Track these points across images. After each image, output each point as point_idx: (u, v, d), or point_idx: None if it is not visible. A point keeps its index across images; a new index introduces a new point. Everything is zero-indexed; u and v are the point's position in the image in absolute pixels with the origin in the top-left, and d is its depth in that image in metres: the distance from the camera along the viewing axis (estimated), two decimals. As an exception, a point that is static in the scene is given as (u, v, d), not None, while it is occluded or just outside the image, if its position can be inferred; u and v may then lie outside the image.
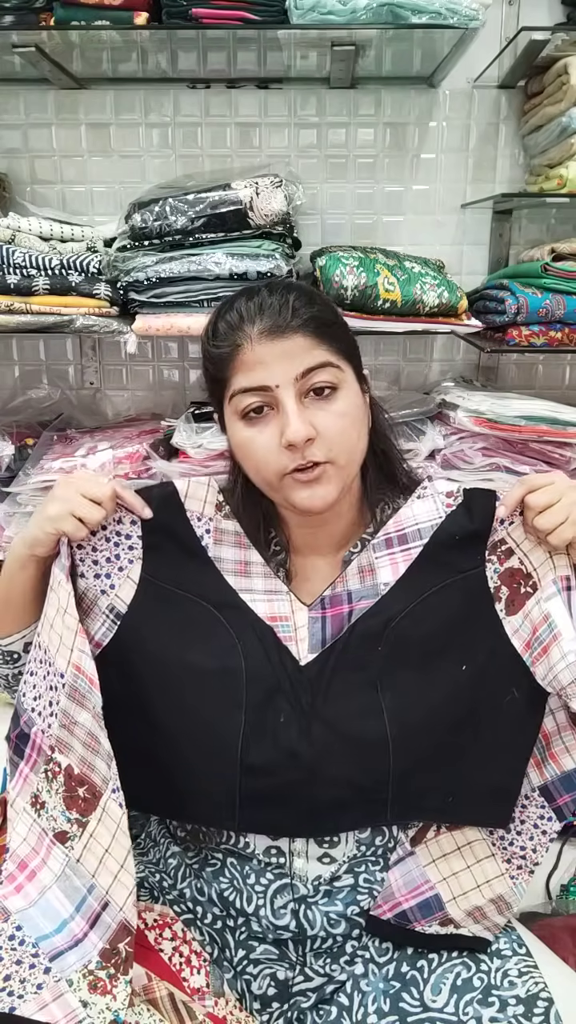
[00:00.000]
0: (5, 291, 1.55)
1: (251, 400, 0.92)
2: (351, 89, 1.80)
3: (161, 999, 0.93)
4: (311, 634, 0.95)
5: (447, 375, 1.97)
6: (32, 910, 0.91)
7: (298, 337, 0.91)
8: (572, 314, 1.58)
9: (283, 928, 0.94)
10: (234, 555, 0.97)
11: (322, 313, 0.94)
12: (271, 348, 0.91)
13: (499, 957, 0.94)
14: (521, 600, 0.93)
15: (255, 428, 0.93)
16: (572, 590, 0.92)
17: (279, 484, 0.94)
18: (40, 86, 1.79)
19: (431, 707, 0.91)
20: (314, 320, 0.92)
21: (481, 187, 1.86)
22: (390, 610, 0.94)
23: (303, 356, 0.91)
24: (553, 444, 1.62)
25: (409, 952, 0.96)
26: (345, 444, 0.94)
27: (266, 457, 0.93)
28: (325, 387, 0.93)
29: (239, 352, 0.92)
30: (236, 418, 0.95)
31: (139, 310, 1.58)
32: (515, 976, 0.90)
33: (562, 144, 1.60)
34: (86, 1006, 0.86)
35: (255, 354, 0.91)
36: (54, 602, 0.95)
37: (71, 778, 0.92)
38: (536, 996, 0.87)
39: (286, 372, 0.91)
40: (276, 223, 1.55)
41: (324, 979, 0.95)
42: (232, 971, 0.96)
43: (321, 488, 0.92)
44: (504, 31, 1.74)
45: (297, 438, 0.89)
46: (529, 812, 0.96)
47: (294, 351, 0.91)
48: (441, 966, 0.93)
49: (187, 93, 1.81)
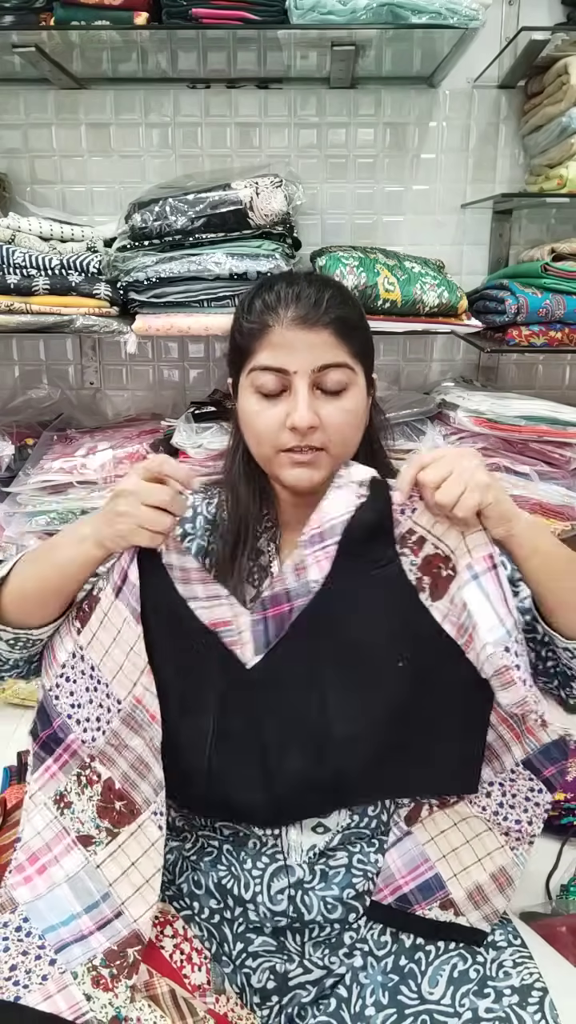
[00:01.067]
0: (5, 291, 1.55)
1: (268, 379, 0.98)
2: (351, 89, 1.80)
3: (162, 995, 0.93)
4: (254, 636, 0.96)
5: (447, 375, 1.97)
6: (39, 903, 0.92)
7: (324, 333, 0.97)
8: (572, 314, 1.58)
9: (280, 914, 0.95)
10: (179, 561, 0.96)
11: (350, 315, 1.01)
12: (298, 336, 0.97)
13: (495, 948, 0.95)
14: (444, 584, 0.91)
15: (266, 403, 0.99)
16: (492, 570, 0.88)
17: (274, 458, 1.00)
18: (40, 86, 1.79)
19: (374, 701, 0.93)
20: (342, 320, 0.98)
21: (481, 187, 1.86)
22: (324, 608, 0.94)
23: (324, 352, 0.97)
24: (553, 444, 1.62)
25: (407, 945, 0.96)
26: (342, 437, 1.00)
27: (269, 431, 0.99)
28: (338, 388, 0.99)
29: (268, 332, 0.98)
30: (250, 390, 1.01)
31: (139, 310, 1.58)
32: (510, 967, 0.91)
33: (562, 144, 1.61)
34: (89, 999, 0.86)
35: (283, 337, 0.97)
36: (110, 629, 0.92)
37: (110, 790, 0.93)
38: (531, 986, 0.88)
39: (306, 361, 0.97)
40: (276, 223, 1.56)
41: (323, 971, 0.96)
42: (231, 965, 0.96)
43: (310, 471, 0.99)
44: (504, 31, 1.74)
45: (302, 424, 0.96)
46: (519, 786, 0.94)
47: (318, 344, 0.97)
48: (439, 958, 0.94)
49: (187, 93, 1.81)
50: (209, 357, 1.98)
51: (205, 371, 1.99)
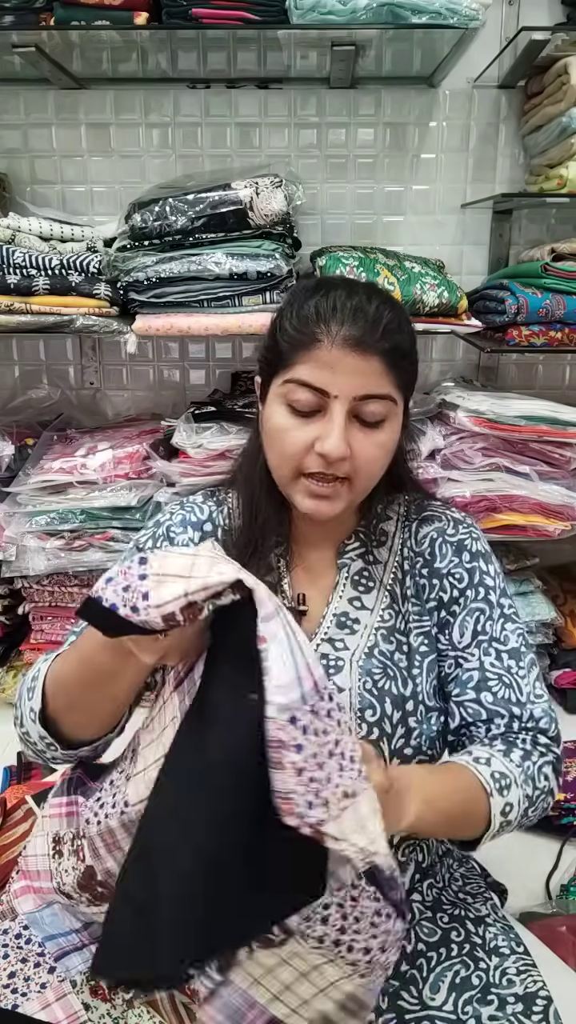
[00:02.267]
0: (5, 291, 1.55)
1: (305, 396, 0.92)
2: (351, 89, 1.80)
3: (161, 1000, 0.93)
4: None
5: (447, 375, 1.97)
6: (38, 914, 0.92)
7: (375, 361, 0.90)
8: (572, 314, 1.58)
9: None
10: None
11: (403, 343, 0.94)
12: (346, 358, 0.90)
13: (498, 955, 0.94)
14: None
15: (296, 421, 0.93)
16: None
17: (293, 482, 0.95)
18: (40, 86, 1.79)
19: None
20: (396, 349, 0.92)
21: (481, 187, 1.86)
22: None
23: (371, 381, 0.91)
24: (553, 444, 1.62)
25: (408, 950, 0.96)
26: (369, 471, 0.95)
27: (294, 452, 0.93)
28: (376, 420, 0.93)
29: (316, 346, 0.91)
30: (282, 401, 0.94)
31: (139, 310, 1.58)
32: (513, 974, 0.90)
33: (562, 144, 1.61)
34: (88, 1009, 0.85)
35: (331, 355, 0.90)
36: (159, 721, 0.78)
37: (92, 876, 0.84)
38: (535, 994, 0.87)
39: (350, 388, 0.90)
40: (276, 223, 1.55)
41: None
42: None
43: (328, 504, 0.94)
44: (504, 31, 1.74)
45: (334, 454, 0.90)
46: (363, 907, 0.70)
47: (366, 372, 0.90)
48: (440, 964, 0.93)
49: (187, 93, 1.81)
50: (209, 357, 1.98)
51: (205, 371, 1.99)
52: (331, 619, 1.01)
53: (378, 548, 1.04)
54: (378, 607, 1.01)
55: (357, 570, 1.03)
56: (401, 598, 1.02)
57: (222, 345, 1.96)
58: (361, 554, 1.04)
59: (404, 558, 1.04)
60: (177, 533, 1.05)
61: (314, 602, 1.03)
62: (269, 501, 1.01)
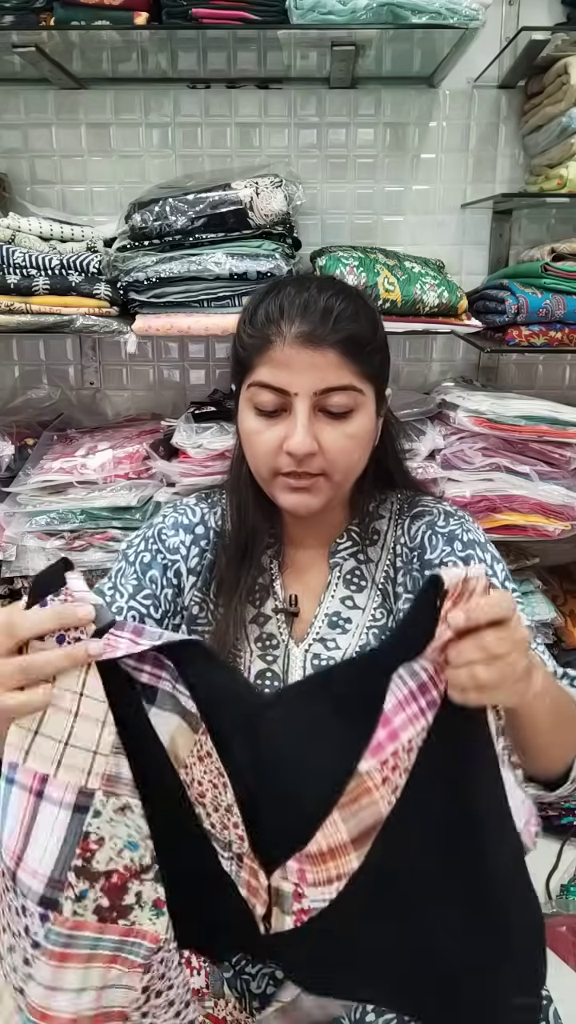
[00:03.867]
0: (5, 291, 1.55)
1: (267, 398, 0.93)
2: (351, 89, 1.80)
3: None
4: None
5: (447, 375, 1.97)
6: None
7: (330, 353, 0.90)
8: (572, 314, 1.58)
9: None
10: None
11: (361, 331, 0.93)
12: (301, 355, 0.90)
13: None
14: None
15: (264, 422, 0.94)
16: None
17: (271, 481, 0.96)
18: (40, 86, 1.79)
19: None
20: (351, 339, 0.91)
21: (481, 187, 1.86)
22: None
23: (329, 373, 0.91)
24: (553, 444, 1.62)
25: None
26: (345, 463, 0.95)
27: (266, 453, 0.94)
28: (342, 411, 0.93)
29: (270, 348, 0.92)
30: (249, 405, 0.96)
31: (139, 310, 1.58)
32: None
33: (562, 144, 1.61)
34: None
35: (284, 354, 0.91)
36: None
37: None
38: None
39: (308, 383, 0.90)
40: (276, 223, 1.55)
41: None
42: (231, 970, 0.96)
43: (308, 497, 0.94)
44: (504, 31, 1.74)
45: (299, 451, 0.90)
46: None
47: (322, 365, 0.90)
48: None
49: (187, 93, 1.81)
50: (209, 357, 1.98)
51: (205, 371, 1.99)
52: (323, 619, 1.01)
53: (371, 547, 1.05)
54: (370, 606, 1.01)
55: (349, 569, 1.03)
56: (393, 596, 1.02)
57: (222, 345, 1.96)
58: (353, 553, 1.04)
59: (397, 555, 1.04)
60: (169, 536, 1.05)
61: (306, 602, 1.03)
62: (257, 503, 1.02)
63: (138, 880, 0.67)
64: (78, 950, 0.64)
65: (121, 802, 0.67)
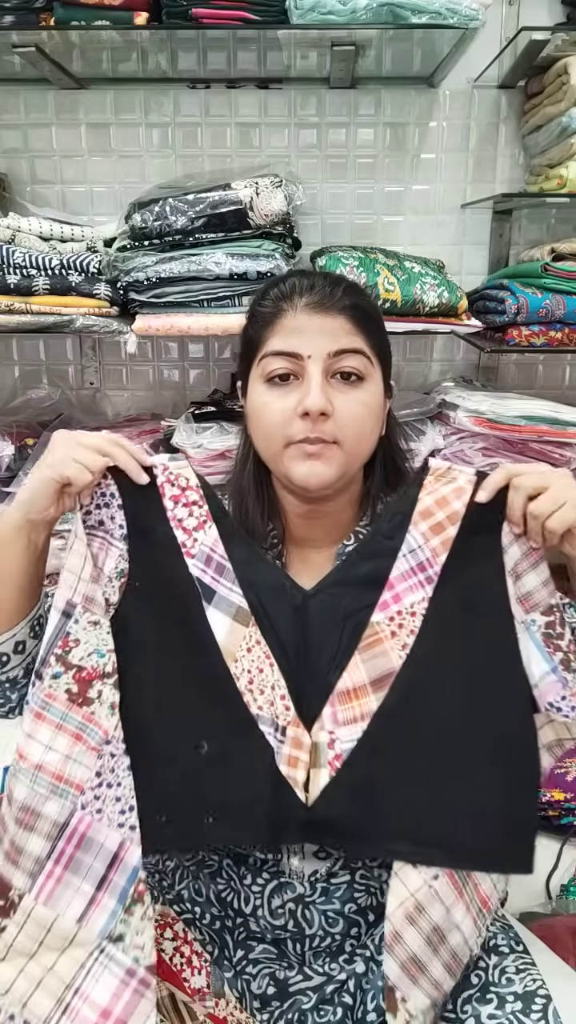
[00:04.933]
0: (5, 291, 1.55)
1: (280, 364, 0.94)
2: (351, 89, 1.80)
3: (162, 999, 0.93)
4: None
5: (447, 375, 1.97)
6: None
7: (340, 318, 0.94)
8: (572, 314, 1.58)
9: (281, 928, 0.94)
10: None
11: (367, 305, 0.98)
12: (312, 320, 0.94)
13: (497, 954, 0.93)
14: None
15: (276, 392, 0.95)
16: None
17: (283, 453, 0.95)
18: (40, 86, 1.79)
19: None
20: (358, 308, 0.95)
21: (481, 187, 1.86)
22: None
23: (340, 336, 0.94)
24: (553, 444, 1.62)
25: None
26: (357, 430, 0.95)
27: (279, 422, 0.94)
28: (352, 373, 0.95)
29: (281, 316, 0.95)
30: (260, 381, 0.97)
31: (139, 310, 1.58)
32: (512, 973, 0.90)
33: (562, 144, 1.61)
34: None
35: (296, 321, 0.94)
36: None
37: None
38: (534, 993, 0.86)
39: (320, 346, 0.93)
40: (276, 223, 1.56)
41: (323, 978, 0.95)
42: (232, 970, 0.96)
43: (322, 466, 0.94)
44: (504, 31, 1.74)
45: (314, 407, 0.91)
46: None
47: (333, 329, 0.94)
48: (441, 964, 0.94)
49: (187, 93, 1.81)
50: (209, 357, 1.98)
51: (205, 371, 1.99)
52: None
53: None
54: None
55: None
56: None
57: (222, 345, 1.96)
58: None
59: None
60: None
61: None
62: (259, 503, 1.03)
63: (100, 681, 0.87)
64: (51, 716, 0.85)
65: (93, 618, 0.87)
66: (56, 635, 0.86)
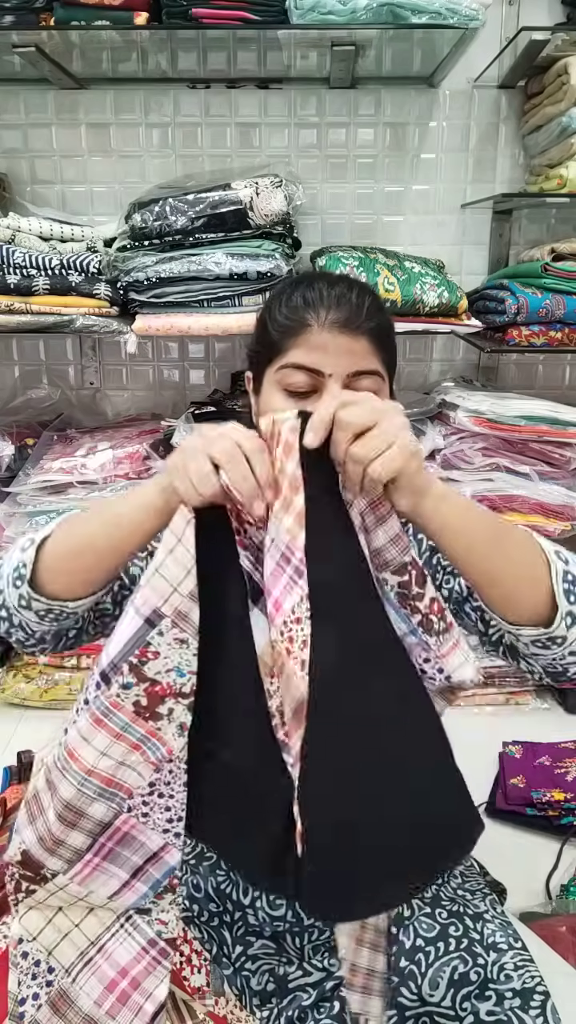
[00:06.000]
0: (5, 291, 1.55)
1: (301, 379, 0.96)
2: (351, 89, 1.80)
3: (161, 998, 0.93)
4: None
5: (447, 375, 1.97)
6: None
7: (363, 340, 0.95)
8: (572, 314, 1.58)
9: (280, 919, 0.94)
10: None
11: (385, 323, 1.00)
12: (337, 339, 0.95)
13: (496, 951, 0.94)
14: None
15: (292, 402, 0.97)
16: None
17: None
18: (40, 86, 1.79)
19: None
20: (380, 328, 0.97)
21: (481, 187, 1.86)
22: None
23: (361, 359, 0.95)
24: (553, 444, 1.63)
25: (407, 946, 0.96)
26: None
27: None
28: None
29: (307, 331, 0.95)
30: (277, 387, 0.98)
31: (139, 310, 1.58)
32: (511, 970, 0.90)
33: (562, 144, 1.61)
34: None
35: (321, 338, 0.95)
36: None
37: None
38: (532, 990, 0.87)
39: (342, 366, 0.95)
40: (276, 223, 1.56)
41: (323, 974, 0.95)
42: (231, 967, 0.96)
43: None
44: (504, 31, 1.74)
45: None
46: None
47: (356, 351, 0.95)
48: (439, 960, 0.94)
49: (187, 93, 1.81)
50: (209, 357, 1.98)
51: (205, 371, 1.99)
52: None
53: None
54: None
55: None
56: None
57: (222, 345, 1.96)
58: None
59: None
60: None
61: None
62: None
63: (174, 699, 0.81)
64: (111, 724, 0.80)
65: (182, 636, 0.80)
66: (134, 642, 0.79)
